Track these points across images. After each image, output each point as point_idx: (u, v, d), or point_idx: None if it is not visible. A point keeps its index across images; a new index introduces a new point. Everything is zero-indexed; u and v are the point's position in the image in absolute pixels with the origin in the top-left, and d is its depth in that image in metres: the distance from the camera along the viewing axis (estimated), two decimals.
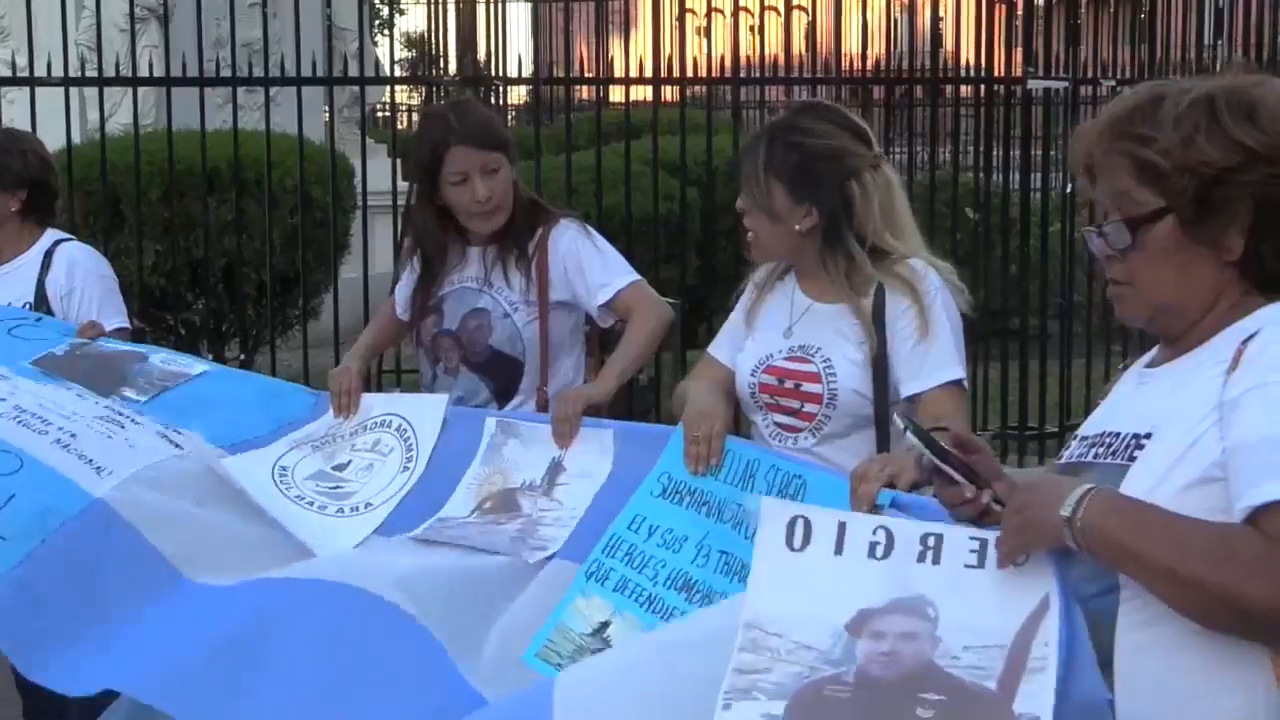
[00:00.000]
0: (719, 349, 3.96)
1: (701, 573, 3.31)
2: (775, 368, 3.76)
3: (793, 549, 2.63)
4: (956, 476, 2.59)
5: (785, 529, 2.64)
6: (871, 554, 2.58)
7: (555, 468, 3.74)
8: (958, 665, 2.41)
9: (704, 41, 9.36)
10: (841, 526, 2.63)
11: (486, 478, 3.80)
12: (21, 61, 8.38)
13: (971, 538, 2.52)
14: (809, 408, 3.70)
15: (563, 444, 3.80)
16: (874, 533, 2.60)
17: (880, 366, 3.67)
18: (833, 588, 2.56)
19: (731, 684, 2.48)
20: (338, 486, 3.90)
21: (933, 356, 3.65)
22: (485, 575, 3.46)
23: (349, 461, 3.98)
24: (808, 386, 3.70)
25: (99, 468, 3.78)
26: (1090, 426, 2.63)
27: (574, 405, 3.87)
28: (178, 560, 3.60)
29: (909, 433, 2.63)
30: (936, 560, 2.53)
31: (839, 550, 2.61)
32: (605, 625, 3.30)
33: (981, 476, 2.59)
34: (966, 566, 2.50)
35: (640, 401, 5.39)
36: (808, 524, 2.63)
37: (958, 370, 3.68)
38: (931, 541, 2.54)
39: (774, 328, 3.82)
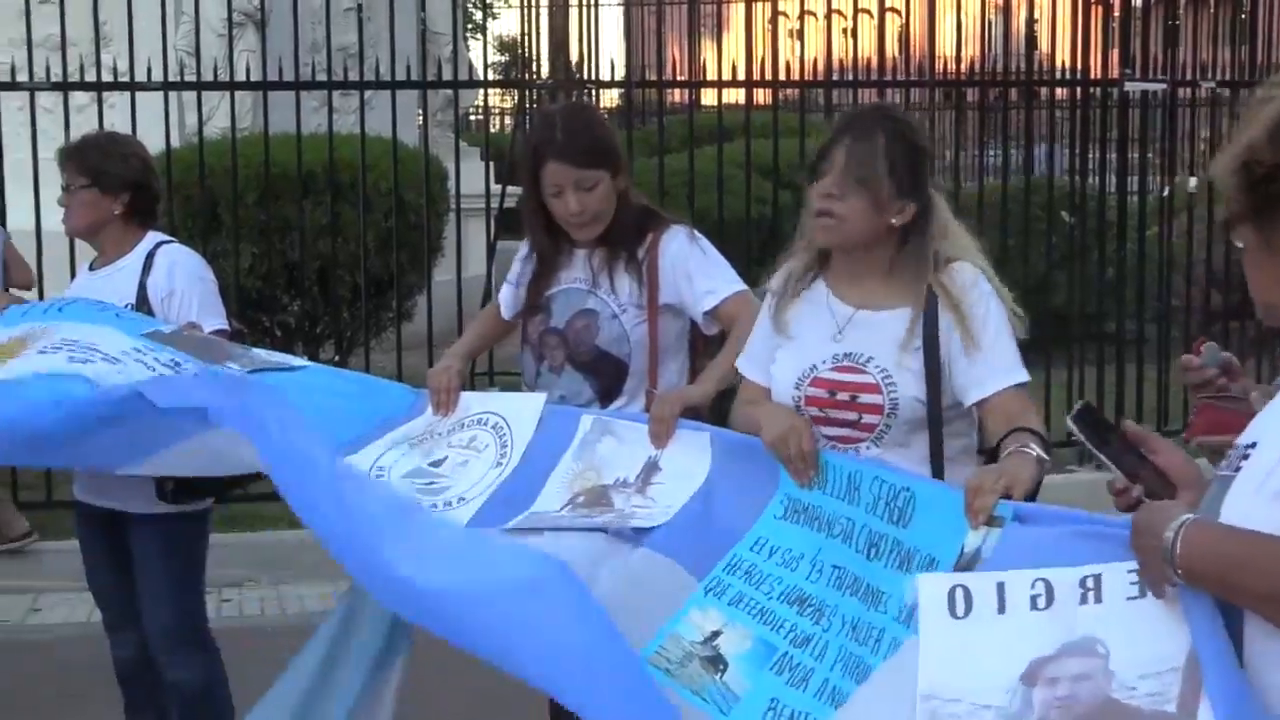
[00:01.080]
0: (751, 367, 3.90)
1: (814, 587, 3.30)
2: (823, 380, 3.69)
3: (957, 617, 2.70)
4: (1109, 465, 2.64)
5: (946, 600, 2.72)
6: (1034, 606, 2.64)
7: (651, 467, 3.74)
8: (1135, 695, 2.45)
9: (797, 44, 9.35)
10: (1000, 586, 2.70)
11: (579, 473, 3.81)
12: (122, 66, 8.49)
13: (1130, 570, 2.54)
14: (869, 419, 3.65)
15: (659, 444, 3.80)
16: (1033, 586, 2.66)
17: (934, 371, 3.63)
18: (1002, 645, 2.63)
19: None
20: (432, 483, 3.92)
21: (996, 360, 3.61)
22: (575, 546, 3.48)
23: (445, 458, 4.01)
24: (866, 398, 3.65)
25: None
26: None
27: (673, 406, 3.87)
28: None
29: (1070, 420, 2.65)
30: (1099, 599, 2.57)
31: (1002, 609, 2.67)
32: (716, 634, 3.30)
33: (1143, 471, 2.63)
34: (1129, 599, 2.53)
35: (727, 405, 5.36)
36: (967, 591, 2.71)
37: (1022, 373, 3.64)
38: (1091, 583, 2.58)
39: (813, 338, 3.75)
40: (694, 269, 4.34)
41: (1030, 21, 10.00)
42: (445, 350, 4.65)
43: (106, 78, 8.40)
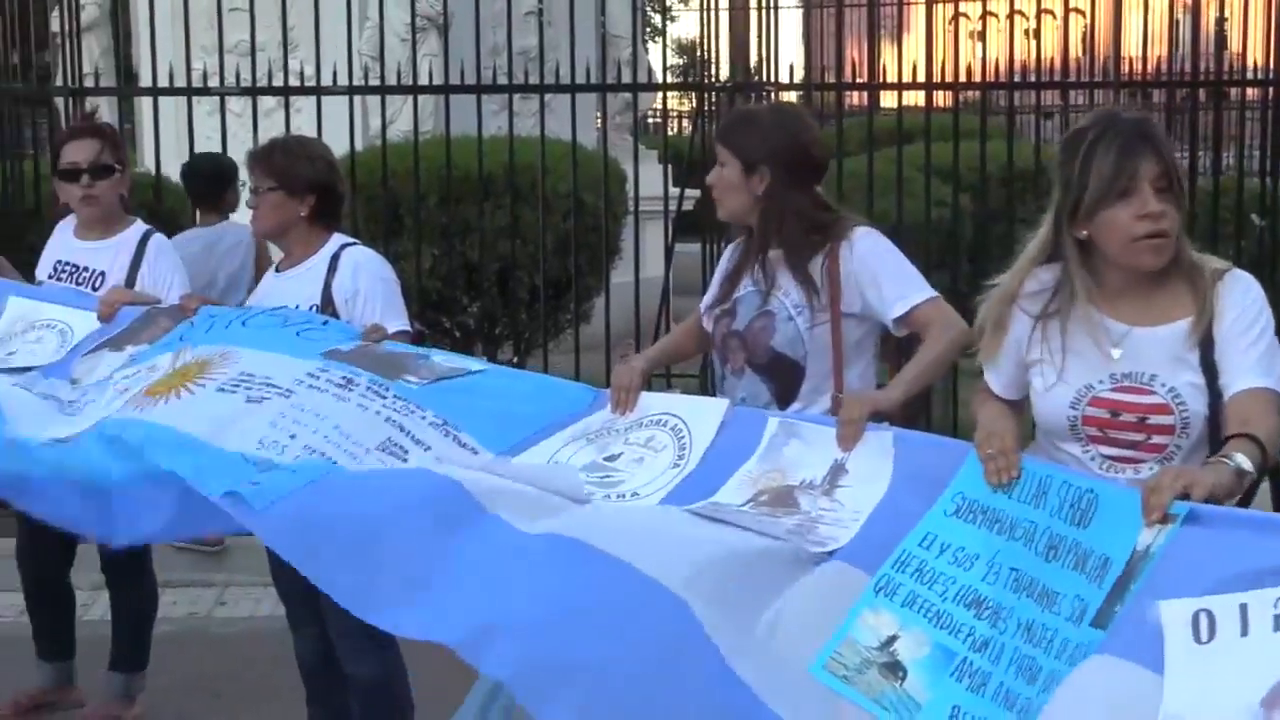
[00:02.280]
0: (997, 380, 3.84)
1: (991, 589, 3.27)
2: (1103, 399, 3.61)
3: (1200, 642, 2.69)
4: None
5: (1190, 625, 2.70)
6: (1276, 627, 2.63)
7: (837, 469, 3.72)
8: None
9: (978, 45, 9.23)
10: (1243, 608, 2.69)
11: (763, 474, 3.79)
12: (309, 71, 8.65)
13: None
14: (1158, 439, 3.57)
15: (846, 446, 3.77)
16: (1275, 605, 2.65)
17: (1214, 384, 3.54)
18: (1244, 668, 2.62)
19: None
20: (607, 476, 3.92)
21: (1249, 360, 3.50)
22: (757, 558, 3.43)
23: (620, 454, 4.00)
24: (1157, 419, 3.56)
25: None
26: None
27: (861, 409, 3.84)
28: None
29: None
30: None
31: (1244, 632, 2.67)
32: (893, 639, 3.27)
33: None
34: None
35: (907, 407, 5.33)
36: (1210, 615, 2.70)
37: (1270, 379, 3.53)
38: None
39: (1086, 357, 3.64)
40: (881, 274, 4.31)
41: (1220, 20, 9.79)
42: (620, 352, 4.68)
43: (293, 82, 8.57)
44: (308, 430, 4.12)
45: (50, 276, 5.72)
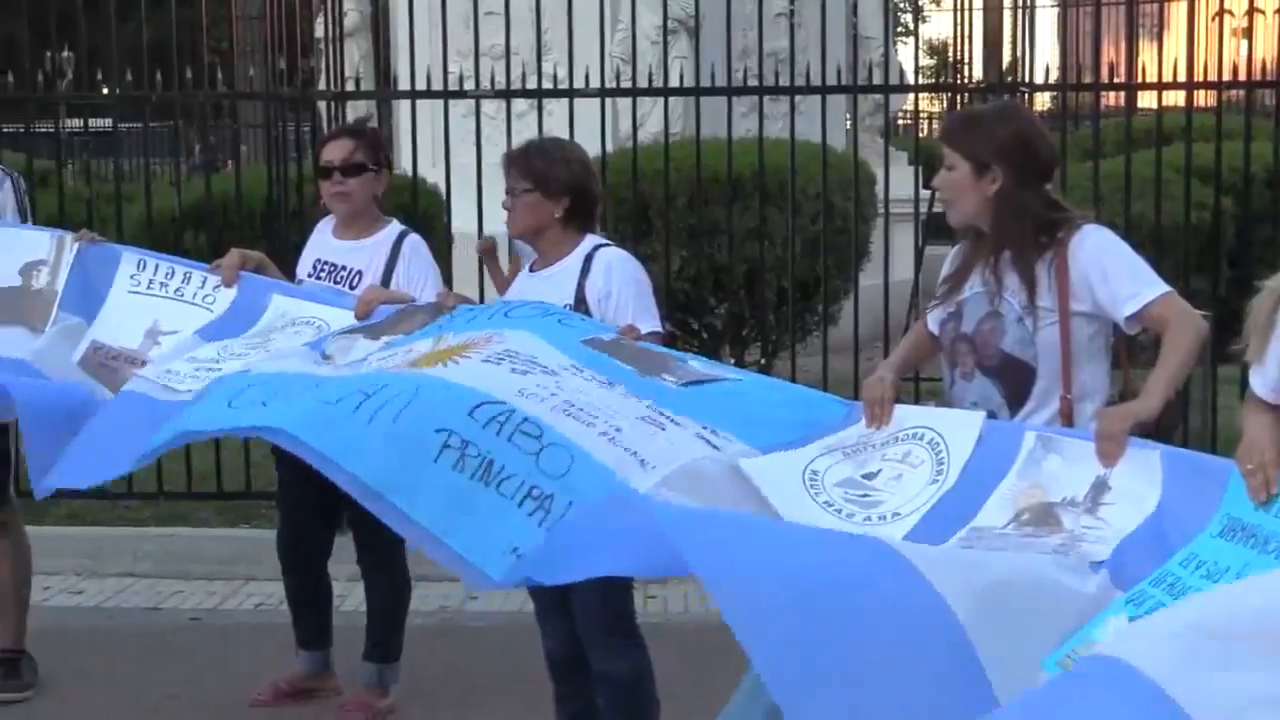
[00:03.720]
0: (1264, 384, 3.72)
1: None
2: None
3: None
4: None
5: None
6: None
7: (1099, 486, 3.64)
8: None
9: (1243, 43, 8.97)
10: None
11: (1023, 491, 3.72)
12: (562, 74, 8.75)
13: None
14: None
15: (1108, 462, 3.69)
16: None
17: None
18: None
19: None
20: (866, 495, 3.89)
21: None
22: (1030, 583, 3.38)
23: (879, 470, 3.96)
24: None
25: (643, 460, 3.94)
26: None
27: (1121, 423, 3.75)
28: None
29: None
30: None
31: None
32: None
33: None
34: None
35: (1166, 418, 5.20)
36: None
37: None
38: None
39: None
40: (1111, 271, 4.22)
41: None
42: (867, 355, 4.64)
43: (546, 85, 8.68)
44: (565, 395, 4.14)
45: (310, 275, 5.88)
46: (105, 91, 9.47)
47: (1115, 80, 8.96)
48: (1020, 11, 9.98)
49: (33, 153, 9.80)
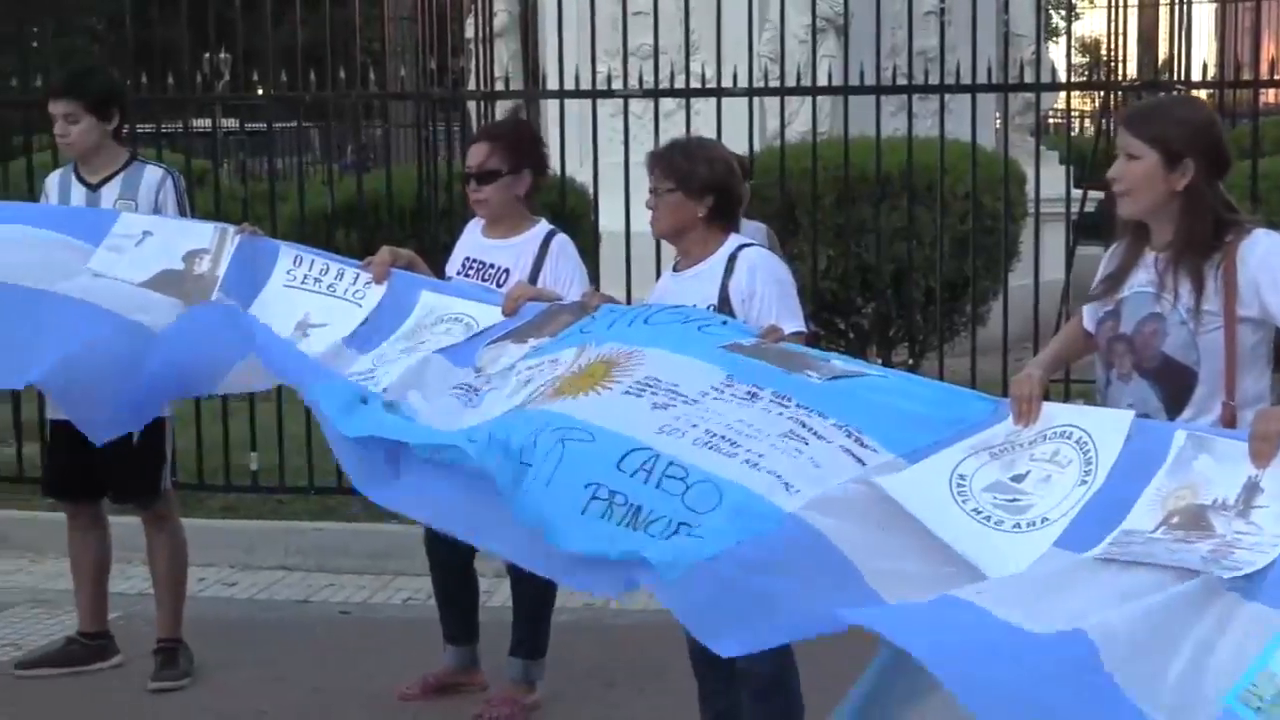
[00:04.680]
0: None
1: None
2: None
3: None
4: None
5: None
6: None
7: (1251, 488, 3.55)
8: None
9: None
10: None
11: (1173, 492, 3.64)
12: (709, 73, 8.76)
13: None
14: None
15: (1261, 463, 3.61)
16: None
17: None
18: None
19: None
20: (1015, 499, 3.83)
21: None
22: (1175, 603, 3.32)
23: (1027, 472, 3.90)
24: None
25: (787, 484, 3.94)
26: None
27: (1276, 423, 3.68)
28: (870, 577, 3.73)
29: None
30: None
31: None
32: None
33: None
34: None
35: None
36: None
37: None
38: None
39: None
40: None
41: None
42: (1016, 356, 4.58)
43: (694, 84, 8.69)
44: (706, 424, 4.19)
45: (458, 273, 5.94)
46: (260, 92, 9.64)
47: (1275, 77, 8.78)
48: (1176, 7, 9.80)
49: (190, 152, 10.01)
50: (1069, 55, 9.32)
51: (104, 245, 5.67)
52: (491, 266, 5.88)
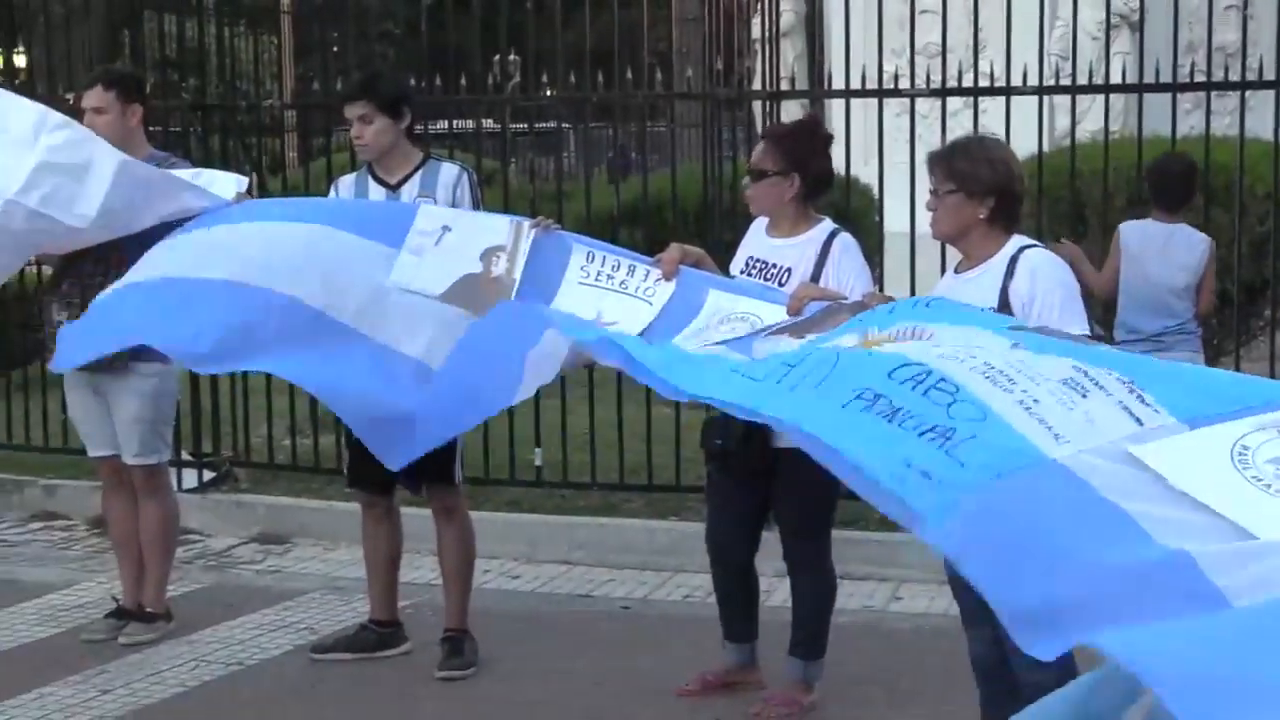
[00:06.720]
0: None
1: None
2: None
3: None
4: None
5: None
6: None
7: None
8: None
9: None
10: None
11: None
12: (998, 71, 8.63)
13: None
14: None
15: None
16: None
17: None
18: None
19: None
20: None
21: None
22: None
23: None
24: None
25: (1056, 435, 3.84)
26: None
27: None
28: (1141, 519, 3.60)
29: None
30: None
31: None
32: None
33: None
34: None
35: None
36: None
37: None
38: None
39: None
40: None
41: None
42: None
43: (982, 83, 8.57)
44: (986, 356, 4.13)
45: (742, 271, 5.97)
46: (548, 93, 9.81)
47: None
48: None
49: (480, 152, 10.23)
50: None
51: (405, 248, 5.69)
52: (774, 266, 5.89)
